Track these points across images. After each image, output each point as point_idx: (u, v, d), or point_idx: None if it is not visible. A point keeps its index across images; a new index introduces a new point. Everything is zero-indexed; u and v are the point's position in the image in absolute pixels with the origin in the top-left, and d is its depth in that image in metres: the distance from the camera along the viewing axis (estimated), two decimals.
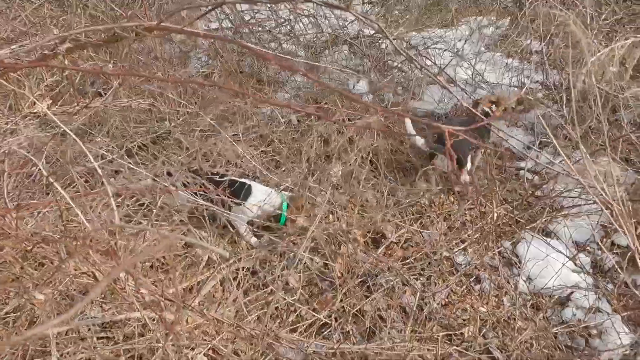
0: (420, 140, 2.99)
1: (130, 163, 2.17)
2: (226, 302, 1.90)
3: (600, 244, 2.69)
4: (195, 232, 2.37)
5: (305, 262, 2.53)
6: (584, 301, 2.39)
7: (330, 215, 2.79)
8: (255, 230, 2.64)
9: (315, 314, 2.20)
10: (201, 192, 2.16)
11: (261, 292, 2.25)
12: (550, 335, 2.21)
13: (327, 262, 2.55)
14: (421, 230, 2.85)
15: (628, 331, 2.28)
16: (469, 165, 3.03)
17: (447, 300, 2.48)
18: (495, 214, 2.65)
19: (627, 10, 3.28)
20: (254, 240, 2.62)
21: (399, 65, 4.32)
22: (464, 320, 2.37)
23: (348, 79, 4.17)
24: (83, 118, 2.42)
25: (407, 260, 2.64)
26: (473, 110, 2.08)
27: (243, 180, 2.59)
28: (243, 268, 2.43)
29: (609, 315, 2.27)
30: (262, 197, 2.53)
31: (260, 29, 4.50)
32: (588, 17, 2.74)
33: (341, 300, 2.27)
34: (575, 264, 2.41)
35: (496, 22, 5.21)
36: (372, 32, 4.60)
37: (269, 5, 4.29)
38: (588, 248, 2.79)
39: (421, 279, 2.57)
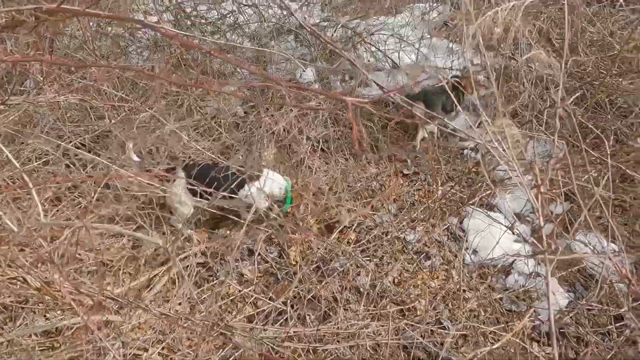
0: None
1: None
2: (175, 298, 1.87)
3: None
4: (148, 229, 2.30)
5: (259, 254, 2.53)
6: (524, 267, 2.55)
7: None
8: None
9: (271, 302, 2.21)
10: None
11: (211, 284, 2.23)
12: (493, 302, 2.34)
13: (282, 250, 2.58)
14: (373, 213, 2.92)
15: (564, 291, 2.46)
16: (421, 133, 3.32)
17: (399, 278, 2.57)
18: (440, 192, 2.76)
19: None
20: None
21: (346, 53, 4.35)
22: (417, 295, 2.47)
23: (295, 68, 4.16)
24: (11, 119, 2.26)
25: (360, 243, 2.70)
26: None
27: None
28: (197, 263, 2.39)
29: (542, 278, 2.43)
30: (275, 183, 2.61)
31: (203, 21, 4.39)
32: None
33: (296, 287, 2.29)
34: (513, 233, 2.55)
35: (437, 7, 5.35)
36: (317, 20, 4.61)
37: None
38: (527, 218, 2.97)
39: (374, 260, 2.64)
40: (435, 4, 5.33)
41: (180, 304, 2.02)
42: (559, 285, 2.47)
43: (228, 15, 4.37)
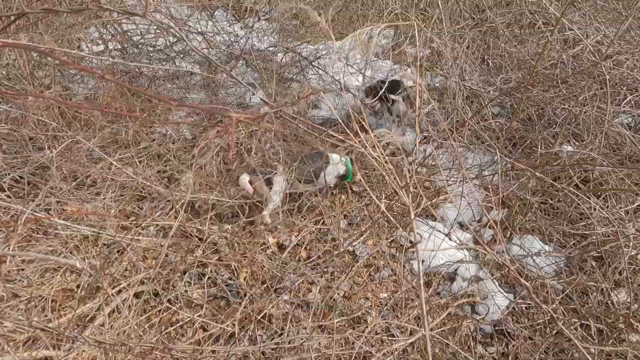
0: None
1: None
2: (120, 326, 1.83)
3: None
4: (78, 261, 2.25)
5: (209, 277, 2.52)
6: (466, 273, 2.68)
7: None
8: None
9: (220, 325, 2.20)
10: None
11: (155, 310, 2.19)
12: (434, 307, 2.44)
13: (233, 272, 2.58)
14: (324, 228, 2.98)
15: (504, 292, 2.59)
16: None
17: (350, 292, 2.62)
18: (384, 206, 2.86)
19: (480, 16, 3.79)
20: None
21: (294, 77, 4.49)
22: (367, 307, 2.52)
23: (246, 92, 4.24)
24: None
25: (311, 259, 2.75)
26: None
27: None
28: (142, 292, 2.35)
29: (483, 281, 2.56)
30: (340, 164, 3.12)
31: (151, 48, 4.41)
32: (444, 23, 3.13)
33: (245, 308, 2.30)
34: (450, 239, 2.68)
35: (382, 32, 5.63)
36: (265, 46, 4.74)
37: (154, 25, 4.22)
38: (470, 226, 3.12)
39: (325, 275, 2.69)
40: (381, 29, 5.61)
41: (125, 332, 1.97)
42: (499, 287, 2.61)
43: (175, 43, 4.42)
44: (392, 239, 2.89)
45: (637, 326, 1.87)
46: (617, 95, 3.44)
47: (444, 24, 3.10)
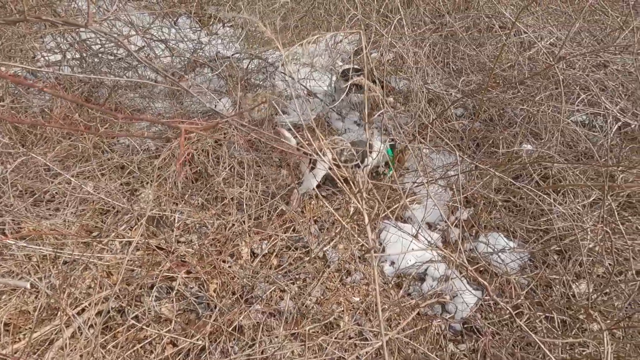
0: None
1: None
2: (75, 349, 1.75)
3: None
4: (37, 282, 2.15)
5: (177, 290, 2.46)
6: (435, 273, 2.73)
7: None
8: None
9: (190, 340, 2.15)
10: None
11: (121, 328, 2.12)
12: (405, 308, 2.47)
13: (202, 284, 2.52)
14: (294, 235, 2.97)
15: (473, 289, 2.65)
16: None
17: (322, 297, 2.62)
18: (352, 209, 2.89)
19: (440, 20, 3.89)
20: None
21: (261, 83, 4.47)
22: (340, 312, 2.53)
23: (211, 101, 4.18)
24: None
25: (282, 267, 2.73)
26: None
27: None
28: (109, 310, 2.27)
29: (452, 280, 2.61)
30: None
31: (111, 57, 4.29)
32: (406, 29, 3.19)
33: (215, 320, 2.25)
34: (418, 240, 2.73)
35: (347, 37, 5.70)
36: (231, 53, 4.70)
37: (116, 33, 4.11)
38: (438, 226, 3.19)
39: (297, 282, 2.68)
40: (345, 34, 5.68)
41: (88, 353, 1.89)
42: (468, 285, 2.66)
43: (138, 51, 4.32)
44: (362, 242, 2.91)
45: (595, 316, 1.95)
46: (572, 95, 3.60)
47: (405, 28, 3.17)
